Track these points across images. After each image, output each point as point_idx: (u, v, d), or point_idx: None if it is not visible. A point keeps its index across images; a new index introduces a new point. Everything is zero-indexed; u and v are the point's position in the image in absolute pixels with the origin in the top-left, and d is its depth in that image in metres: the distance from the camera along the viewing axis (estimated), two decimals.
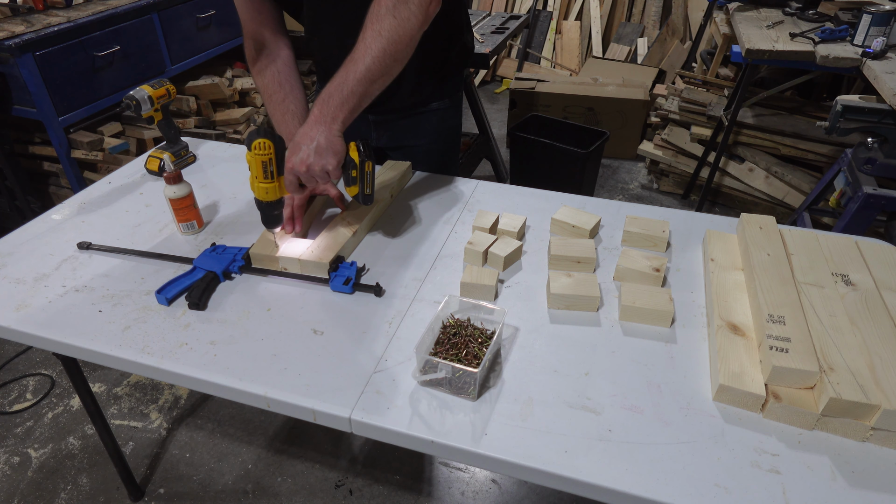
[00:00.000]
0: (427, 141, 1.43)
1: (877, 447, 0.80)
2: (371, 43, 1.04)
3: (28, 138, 2.52)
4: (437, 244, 1.21)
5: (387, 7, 1.04)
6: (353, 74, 1.05)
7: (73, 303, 1.07)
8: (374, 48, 1.04)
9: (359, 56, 1.05)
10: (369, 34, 1.05)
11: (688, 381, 0.90)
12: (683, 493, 0.74)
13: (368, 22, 1.05)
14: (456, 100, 1.42)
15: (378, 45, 1.04)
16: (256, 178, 1.05)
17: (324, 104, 1.05)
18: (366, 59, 1.04)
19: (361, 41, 1.05)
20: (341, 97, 1.05)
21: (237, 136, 3.01)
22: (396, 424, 0.84)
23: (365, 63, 1.04)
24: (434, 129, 1.42)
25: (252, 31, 1.26)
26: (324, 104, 1.05)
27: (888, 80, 1.86)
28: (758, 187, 2.83)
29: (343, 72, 1.06)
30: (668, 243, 1.20)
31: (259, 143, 1.01)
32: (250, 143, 1.01)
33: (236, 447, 1.83)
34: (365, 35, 1.05)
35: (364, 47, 1.05)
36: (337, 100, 1.05)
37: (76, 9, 2.40)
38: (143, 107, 1.42)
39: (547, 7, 4.47)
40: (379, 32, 1.04)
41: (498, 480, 1.73)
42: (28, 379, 2.08)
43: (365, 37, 1.05)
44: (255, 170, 1.04)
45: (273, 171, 1.05)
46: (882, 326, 0.91)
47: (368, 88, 1.07)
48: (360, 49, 1.05)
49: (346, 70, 1.05)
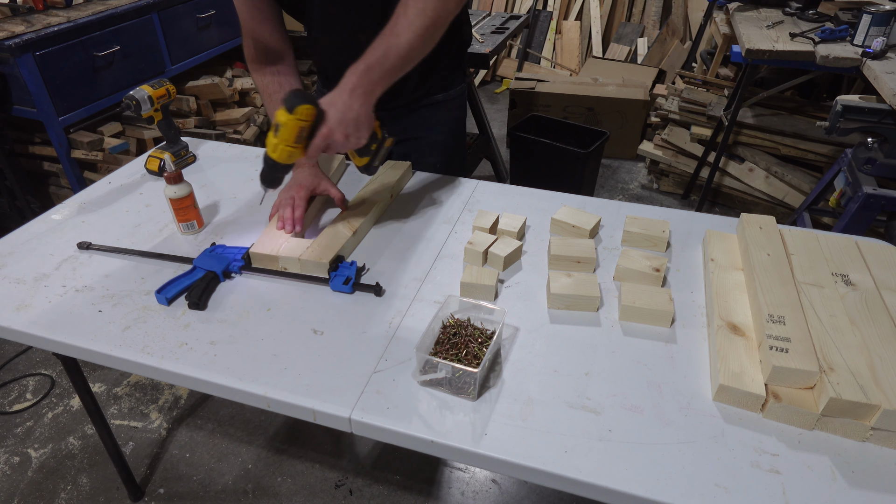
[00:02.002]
0: (434, 133, 1.44)
1: (877, 447, 0.80)
2: (415, 19, 1.03)
3: (28, 138, 2.52)
4: (437, 244, 1.21)
5: None
6: (396, 49, 1.03)
7: (73, 303, 1.07)
8: (418, 24, 1.03)
9: (402, 31, 1.03)
10: (413, 10, 1.03)
11: (688, 381, 0.90)
12: (683, 493, 0.74)
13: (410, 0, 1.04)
14: (460, 90, 1.43)
15: (421, 22, 1.03)
16: (284, 140, 0.99)
17: (363, 75, 1.02)
18: (409, 34, 1.03)
19: (403, 16, 1.04)
20: (382, 71, 1.03)
21: (237, 136, 3.01)
22: (396, 424, 0.84)
23: (408, 39, 1.03)
24: (440, 120, 1.42)
25: (251, 30, 1.26)
26: (363, 75, 1.02)
27: (888, 80, 1.86)
28: (758, 187, 2.83)
29: (383, 45, 1.03)
30: (668, 243, 1.20)
31: (304, 109, 0.97)
32: (293, 105, 0.96)
33: (236, 447, 1.83)
34: (408, 10, 1.03)
35: (407, 23, 1.03)
36: (377, 73, 1.03)
37: (76, 9, 2.40)
38: (143, 107, 1.42)
39: (547, 7, 4.47)
40: (423, 10, 1.03)
41: (498, 480, 1.73)
42: (28, 379, 2.08)
43: (408, 12, 1.03)
44: (287, 132, 0.98)
45: (305, 137, 1.01)
46: (882, 326, 0.91)
47: (406, 66, 1.06)
48: (403, 24, 1.03)
49: (388, 44, 1.03)
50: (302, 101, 0.97)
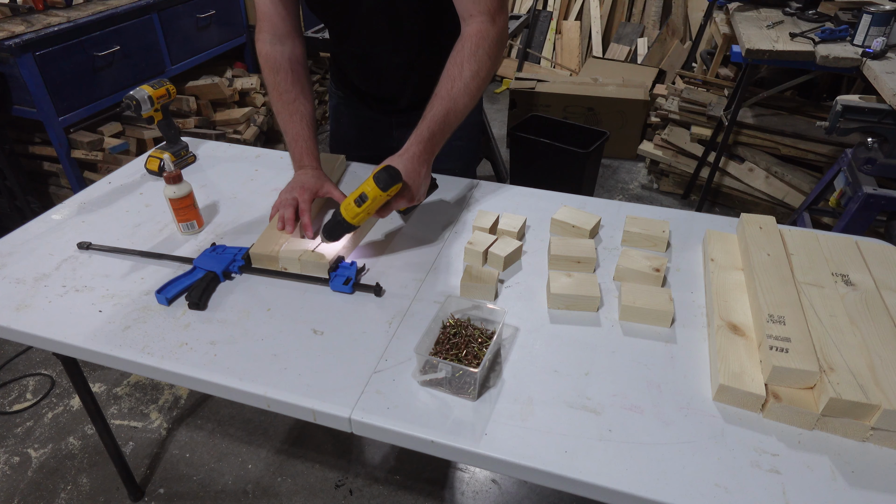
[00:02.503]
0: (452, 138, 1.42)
1: (877, 447, 0.80)
2: (470, 83, 1.11)
3: (28, 138, 2.53)
4: (438, 244, 1.21)
5: (484, 49, 1.11)
6: (454, 114, 1.12)
7: (73, 303, 1.07)
8: (473, 88, 1.12)
9: (458, 95, 1.11)
10: (468, 73, 1.11)
11: (688, 381, 0.90)
12: (683, 493, 0.74)
13: (465, 60, 1.11)
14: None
15: (476, 85, 1.12)
16: (367, 211, 1.06)
17: (428, 142, 1.11)
18: (465, 98, 1.11)
19: (459, 79, 1.11)
20: (442, 135, 1.13)
21: (237, 136, 3.01)
22: (396, 424, 0.84)
23: (464, 102, 1.12)
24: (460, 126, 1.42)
25: (272, 26, 1.25)
26: (428, 142, 1.11)
27: (888, 80, 1.86)
28: (758, 187, 2.83)
29: (443, 109, 1.11)
30: (668, 243, 1.20)
31: (396, 188, 1.05)
32: (388, 185, 1.03)
33: (236, 447, 1.83)
34: (463, 73, 1.11)
35: (464, 86, 1.11)
36: (439, 138, 1.12)
37: (76, 9, 2.40)
38: (143, 107, 1.42)
39: (547, 7, 4.47)
40: (477, 73, 1.11)
41: (498, 480, 1.73)
42: (28, 379, 2.08)
43: (464, 75, 1.10)
44: (375, 206, 1.05)
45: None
46: (882, 326, 0.91)
47: (459, 124, 1.15)
48: (459, 87, 1.11)
49: (446, 109, 1.11)
50: (396, 181, 1.04)
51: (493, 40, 1.11)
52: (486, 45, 1.11)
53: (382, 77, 1.36)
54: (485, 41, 1.11)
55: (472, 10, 1.11)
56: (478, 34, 1.11)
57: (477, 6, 1.10)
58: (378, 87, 1.39)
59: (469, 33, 1.12)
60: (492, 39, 1.11)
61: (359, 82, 1.41)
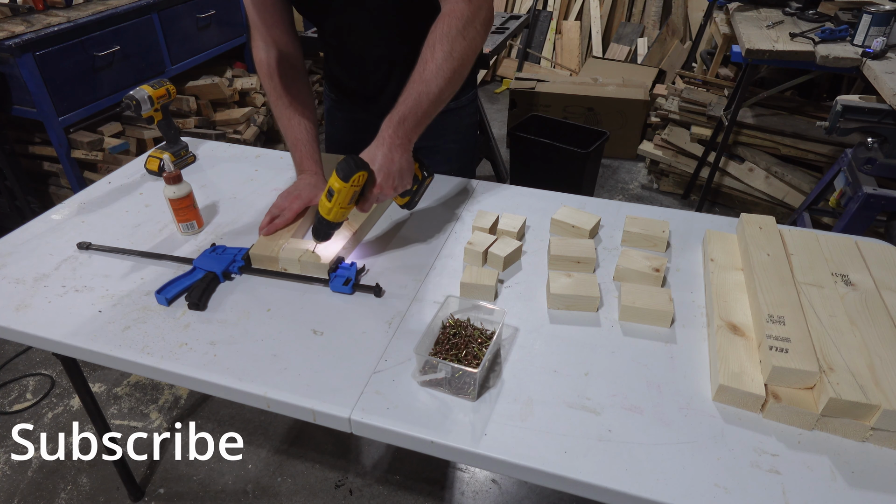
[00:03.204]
0: (445, 141, 1.43)
1: (876, 447, 0.80)
2: (443, 64, 1.06)
3: (28, 138, 2.53)
4: (437, 244, 1.21)
5: (457, 28, 1.06)
6: (427, 97, 1.07)
7: (73, 303, 1.07)
8: (447, 69, 1.06)
9: (430, 77, 1.06)
10: (440, 55, 1.06)
11: (688, 382, 0.90)
12: (683, 493, 0.74)
13: (437, 41, 1.06)
14: (470, 97, 1.43)
15: (450, 66, 1.06)
16: (338, 204, 1.04)
17: (399, 126, 1.06)
18: (438, 80, 1.06)
19: (431, 61, 1.06)
20: (416, 119, 1.07)
21: (237, 136, 3.01)
22: (396, 425, 0.84)
23: (438, 85, 1.06)
24: (452, 128, 1.42)
25: (265, 32, 1.25)
26: (399, 126, 1.06)
27: (888, 80, 1.86)
28: (758, 187, 2.83)
29: (414, 92, 1.06)
30: (668, 243, 1.20)
31: (358, 177, 1.02)
32: (348, 174, 1.01)
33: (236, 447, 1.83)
34: (435, 55, 1.06)
35: (436, 68, 1.06)
36: (412, 122, 1.07)
37: (76, 9, 2.40)
38: (143, 107, 1.42)
39: (547, 7, 4.47)
40: (450, 54, 1.06)
41: (498, 480, 1.73)
42: (28, 379, 2.08)
43: (435, 56, 1.06)
44: (342, 197, 1.03)
45: (356, 197, 1.06)
46: (882, 326, 0.91)
47: (438, 108, 1.10)
48: (431, 69, 1.06)
49: (418, 91, 1.06)
50: (356, 170, 1.01)
51: (468, 19, 1.06)
52: (460, 24, 1.05)
53: (365, 71, 1.34)
54: (458, 20, 1.06)
55: None
56: (450, 13, 1.06)
57: None
58: (363, 83, 1.37)
59: (444, 13, 1.08)
60: (466, 18, 1.06)
61: (344, 79, 1.40)
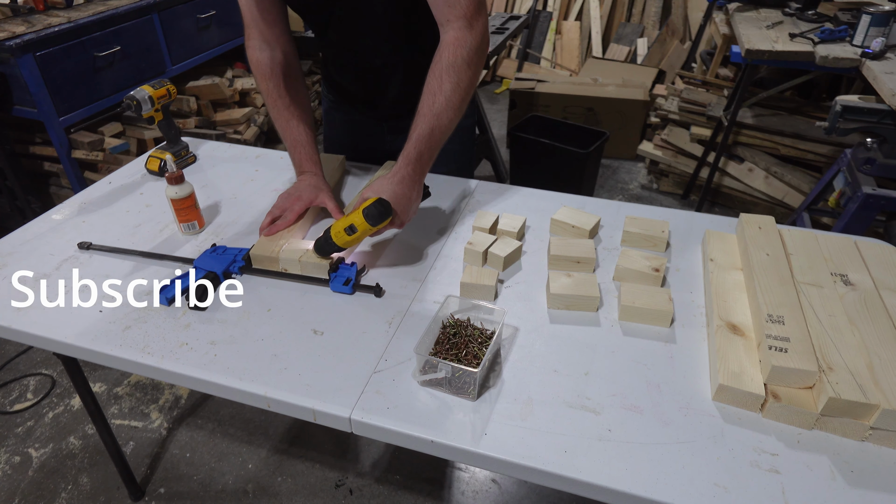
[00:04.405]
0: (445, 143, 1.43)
1: (876, 447, 0.80)
2: (452, 96, 1.09)
3: (29, 138, 2.53)
4: (437, 244, 1.22)
5: (462, 58, 1.08)
6: (439, 130, 1.10)
7: (74, 303, 1.07)
8: (455, 100, 1.09)
9: (440, 110, 1.09)
10: (448, 86, 1.08)
11: (687, 381, 0.90)
12: (683, 492, 0.75)
13: (444, 73, 1.08)
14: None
15: (458, 97, 1.09)
16: (357, 240, 1.08)
17: (416, 163, 1.10)
18: (449, 112, 1.10)
19: (440, 93, 1.08)
20: (430, 154, 1.12)
21: (237, 137, 3.01)
22: (396, 424, 0.84)
23: (448, 117, 1.10)
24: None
25: (260, 32, 1.25)
26: (416, 163, 1.10)
27: (887, 80, 1.86)
28: (757, 187, 2.83)
29: (427, 127, 1.09)
30: (668, 243, 1.20)
31: (387, 222, 1.07)
32: (378, 221, 1.05)
33: (236, 447, 1.83)
34: (444, 87, 1.08)
35: (445, 101, 1.09)
36: (426, 158, 1.11)
37: (76, 9, 2.40)
38: (144, 107, 1.42)
39: (547, 7, 4.47)
40: (458, 84, 1.08)
41: (498, 480, 1.73)
42: (28, 379, 2.08)
43: (444, 88, 1.08)
44: (363, 235, 1.07)
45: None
46: (881, 326, 0.92)
47: (447, 138, 1.13)
48: (441, 102, 1.09)
49: (430, 126, 1.09)
50: (385, 216, 1.05)
51: (472, 47, 1.08)
52: (465, 52, 1.07)
53: (365, 78, 1.34)
54: (462, 49, 1.07)
55: (449, 14, 1.08)
56: (455, 42, 1.08)
57: (453, 10, 1.07)
58: (363, 88, 1.38)
59: (447, 42, 1.09)
60: (470, 47, 1.08)
61: (343, 83, 1.40)
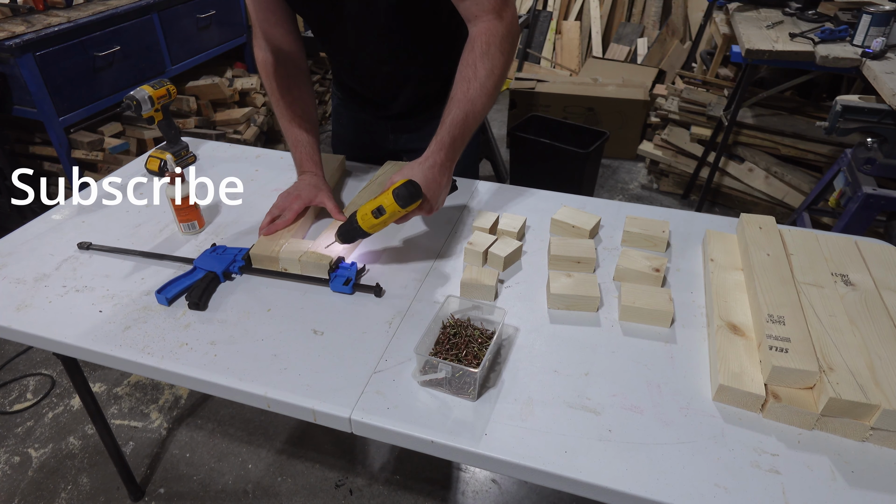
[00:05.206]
0: None
1: (876, 447, 0.80)
2: (486, 82, 1.08)
3: (28, 138, 2.53)
4: (437, 244, 1.21)
5: (495, 45, 1.07)
6: (473, 116, 1.08)
7: (73, 303, 1.07)
8: (489, 86, 1.08)
9: (475, 96, 1.08)
10: (483, 73, 1.07)
11: (688, 381, 0.90)
12: (683, 493, 0.75)
13: (478, 60, 1.08)
14: None
15: (492, 83, 1.09)
16: (385, 223, 1.05)
17: (450, 149, 1.08)
18: (483, 98, 1.08)
19: (475, 79, 1.07)
20: (463, 140, 1.10)
21: (237, 136, 3.01)
22: (396, 424, 0.84)
23: (483, 103, 1.09)
24: None
25: (267, 31, 1.24)
26: (450, 149, 1.08)
27: (888, 80, 1.86)
28: (757, 187, 2.83)
29: (461, 113, 1.08)
30: (668, 243, 1.20)
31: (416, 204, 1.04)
32: (408, 202, 1.02)
33: (236, 447, 1.83)
34: (478, 73, 1.07)
35: (479, 87, 1.07)
36: (459, 143, 1.10)
37: (76, 9, 2.40)
38: (144, 107, 1.42)
39: (547, 7, 4.46)
40: (492, 71, 1.08)
41: (498, 480, 1.73)
42: (28, 379, 2.08)
43: (478, 75, 1.07)
44: (392, 219, 1.04)
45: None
46: (881, 326, 0.91)
47: (478, 125, 1.12)
48: (476, 88, 1.08)
49: (465, 112, 1.08)
50: (416, 198, 1.02)
51: (503, 35, 1.08)
52: (497, 41, 1.08)
53: (375, 84, 1.35)
54: (495, 37, 1.08)
55: (476, 10, 1.09)
56: (486, 31, 1.08)
57: (479, 6, 1.08)
58: (372, 92, 1.38)
59: (477, 32, 1.09)
60: (501, 35, 1.08)
61: (355, 86, 1.41)
